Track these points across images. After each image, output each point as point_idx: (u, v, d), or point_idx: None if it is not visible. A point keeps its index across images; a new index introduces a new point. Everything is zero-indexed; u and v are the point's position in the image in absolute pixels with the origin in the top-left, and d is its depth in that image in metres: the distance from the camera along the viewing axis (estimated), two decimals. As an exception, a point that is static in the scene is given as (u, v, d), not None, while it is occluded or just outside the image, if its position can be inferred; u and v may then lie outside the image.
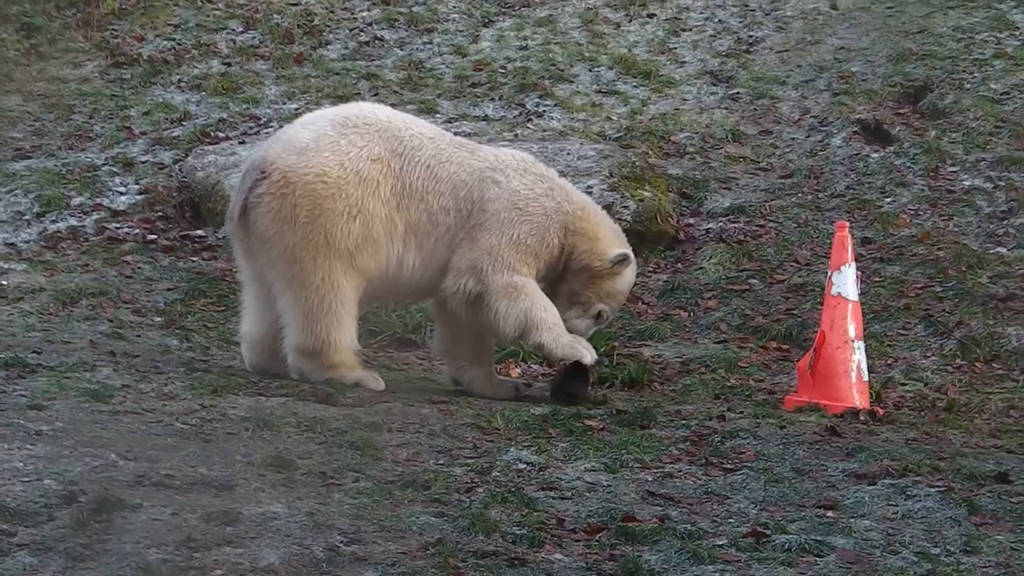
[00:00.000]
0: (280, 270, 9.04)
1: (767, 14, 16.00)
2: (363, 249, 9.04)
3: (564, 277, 9.41)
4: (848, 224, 9.98)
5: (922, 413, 9.56)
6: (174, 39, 15.78)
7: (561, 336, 9.18)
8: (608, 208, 12.06)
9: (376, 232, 9.07)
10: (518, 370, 10.32)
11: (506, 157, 9.45)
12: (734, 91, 14.62)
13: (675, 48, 15.47)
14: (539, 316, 9.14)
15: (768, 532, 6.53)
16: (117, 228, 12.61)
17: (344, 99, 13.17)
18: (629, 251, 9.47)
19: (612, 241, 9.44)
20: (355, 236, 9.02)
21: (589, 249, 9.34)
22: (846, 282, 9.58)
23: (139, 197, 13.04)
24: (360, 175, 9.06)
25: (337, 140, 9.11)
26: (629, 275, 9.49)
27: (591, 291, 9.39)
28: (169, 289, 11.51)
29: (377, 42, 15.73)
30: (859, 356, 9.47)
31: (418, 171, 9.17)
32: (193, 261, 12.18)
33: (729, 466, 7.68)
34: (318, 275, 8.99)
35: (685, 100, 14.57)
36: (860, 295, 9.78)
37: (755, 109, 14.35)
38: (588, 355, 9.22)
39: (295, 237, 8.97)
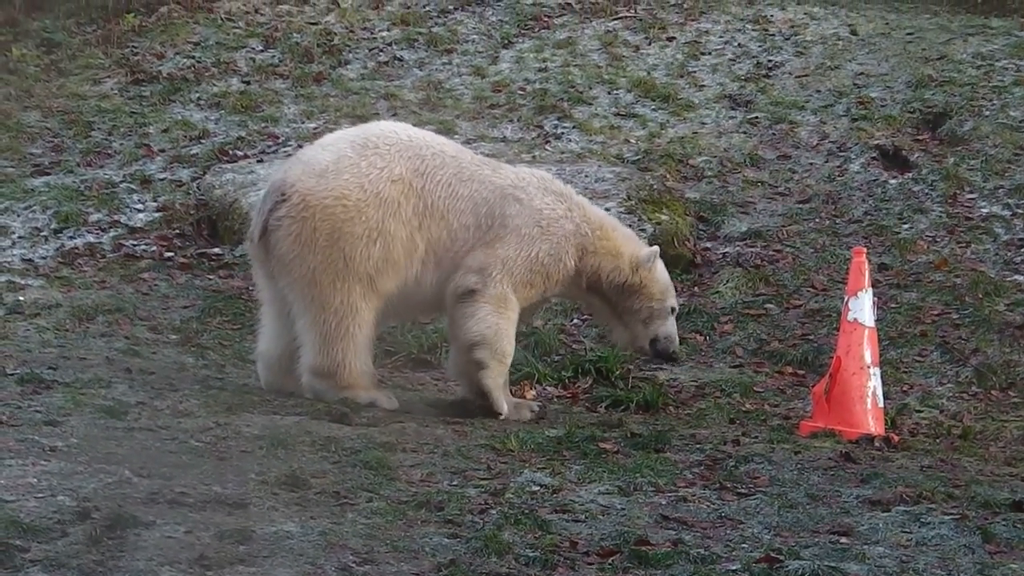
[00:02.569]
0: (299, 292, 9.05)
1: (787, 39, 16.03)
2: (383, 272, 9.06)
3: (603, 296, 9.55)
4: (865, 250, 9.97)
5: (937, 440, 9.54)
6: (194, 57, 15.83)
7: (500, 376, 9.34)
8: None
9: (396, 254, 9.09)
10: (533, 392, 10.31)
11: (527, 175, 9.52)
12: (753, 115, 14.62)
13: (694, 72, 15.49)
14: (504, 345, 9.28)
15: (782, 557, 6.51)
16: (134, 245, 12.62)
17: (363, 119, 13.18)
18: (645, 246, 9.63)
19: (631, 248, 9.55)
20: (375, 259, 9.03)
21: (616, 267, 9.45)
22: (863, 308, 9.57)
23: (157, 214, 13.06)
24: (380, 197, 9.08)
25: (357, 162, 9.13)
26: (660, 266, 9.62)
27: (648, 302, 9.54)
28: (185, 307, 11.52)
29: (396, 62, 15.76)
30: (875, 382, 9.45)
31: (439, 190, 9.20)
32: (210, 279, 12.18)
33: (743, 491, 7.66)
34: (337, 298, 9.01)
35: (704, 124, 14.57)
36: (876, 321, 9.77)
37: (773, 134, 14.35)
38: (504, 409, 9.31)
39: (315, 261, 8.99)
